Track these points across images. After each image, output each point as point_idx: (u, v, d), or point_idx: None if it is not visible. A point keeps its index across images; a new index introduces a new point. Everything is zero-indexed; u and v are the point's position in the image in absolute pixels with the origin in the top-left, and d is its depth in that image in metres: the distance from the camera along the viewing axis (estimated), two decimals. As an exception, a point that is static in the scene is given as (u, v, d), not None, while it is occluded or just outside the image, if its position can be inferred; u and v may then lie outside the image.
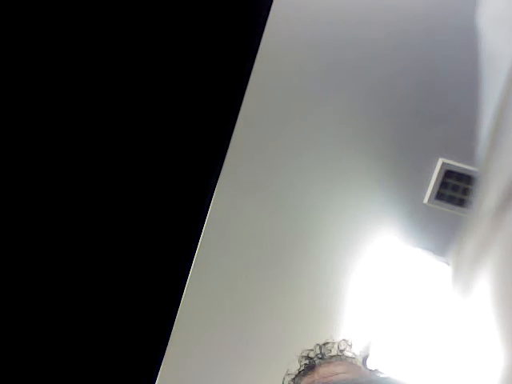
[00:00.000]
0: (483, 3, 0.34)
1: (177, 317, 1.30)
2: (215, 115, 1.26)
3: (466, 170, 1.23)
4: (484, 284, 0.32)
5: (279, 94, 1.24)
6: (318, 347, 0.83)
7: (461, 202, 1.24)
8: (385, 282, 1.24)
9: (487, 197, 0.33)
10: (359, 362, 0.81)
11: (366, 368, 0.80)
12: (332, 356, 0.82)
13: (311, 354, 0.82)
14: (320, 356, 0.81)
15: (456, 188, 1.24)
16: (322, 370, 0.78)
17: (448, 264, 1.20)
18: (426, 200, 1.25)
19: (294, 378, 0.81)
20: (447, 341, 0.36)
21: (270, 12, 1.20)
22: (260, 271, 1.29)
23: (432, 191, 1.25)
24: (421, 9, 1.21)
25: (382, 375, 0.78)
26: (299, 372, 0.81)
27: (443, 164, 1.24)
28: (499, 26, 0.33)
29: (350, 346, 0.83)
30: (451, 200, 1.25)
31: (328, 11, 1.22)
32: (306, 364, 0.81)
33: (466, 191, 1.24)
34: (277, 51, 1.23)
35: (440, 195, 1.25)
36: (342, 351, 0.83)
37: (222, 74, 1.25)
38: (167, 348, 1.31)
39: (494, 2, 0.34)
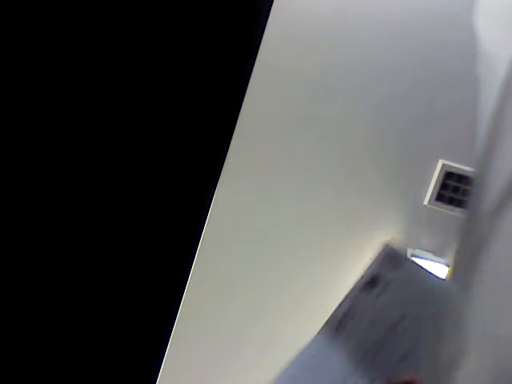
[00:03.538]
0: (481, 5, 0.34)
1: (177, 317, 1.30)
2: (216, 115, 1.27)
3: (466, 171, 1.23)
4: (481, 284, 0.33)
5: (280, 94, 1.25)
6: None
7: (461, 204, 1.24)
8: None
9: (485, 197, 0.34)
10: None
11: None
12: None
13: None
14: None
15: (456, 189, 1.25)
16: None
17: (448, 265, 1.20)
18: (426, 201, 1.26)
19: None
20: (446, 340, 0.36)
21: (270, 13, 1.20)
22: (260, 272, 1.29)
23: (432, 193, 1.25)
24: (422, 10, 1.21)
25: None
26: None
27: (443, 166, 1.24)
28: (497, 28, 0.33)
29: None
30: (451, 201, 1.25)
31: (328, 13, 1.22)
32: None
33: (466, 193, 1.24)
34: (277, 52, 1.23)
35: (440, 197, 1.25)
36: None
37: (222, 74, 1.25)
38: (167, 348, 1.31)
39: (490, 4, 0.34)
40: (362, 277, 0.78)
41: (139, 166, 1.28)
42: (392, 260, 0.79)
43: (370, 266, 0.79)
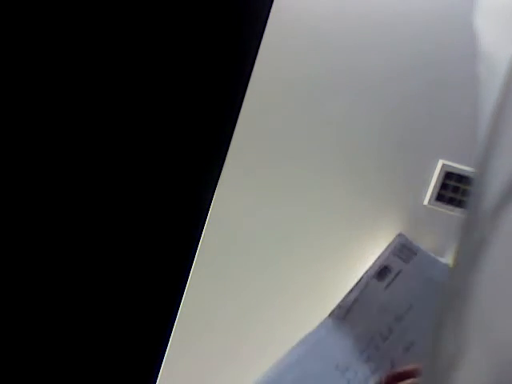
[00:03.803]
0: (481, 5, 0.34)
1: (177, 317, 1.30)
2: (216, 115, 1.27)
3: (466, 171, 1.23)
4: (481, 285, 0.33)
5: (280, 94, 1.25)
6: None
7: (461, 204, 1.24)
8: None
9: (485, 197, 0.34)
10: None
11: None
12: None
13: None
14: None
15: (456, 189, 1.25)
16: None
17: (448, 265, 1.20)
18: (426, 201, 1.26)
19: None
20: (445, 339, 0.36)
21: (270, 13, 1.20)
22: (260, 272, 1.29)
23: (432, 193, 1.25)
24: (422, 11, 1.21)
25: None
26: None
27: (443, 166, 1.24)
28: (497, 28, 0.33)
29: None
30: (451, 201, 1.25)
31: (328, 13, 1.22)
32: None
33: (466, 193, 1.24)
34: (277, 52, 1.23)
35: (440, 197, 1.25)
36: None
37: (222, 75, 1.25)
38: (167, 348, 1.31)
39: (491, 3, 0.34)
40: (372, 266, 0.79)
41: (138, 166, 1.28)
42: (404, 251, 0.79)
43: (381, 256, 0.80)
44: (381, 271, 0.79)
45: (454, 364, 0.32)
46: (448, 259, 1.21)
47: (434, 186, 1.25)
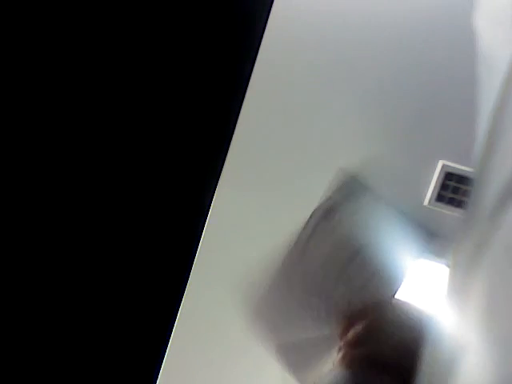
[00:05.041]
0: (481, 5, 0.35)
1: (177, 317, 1.30)
2: (216, 115, 1.27)
3: (466, 172, 1.23)
4: (481, 284, 0.33)
5: (280, 94, 1.24)
6: None
7: (461, 204, 1.24)
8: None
9: (485, 198, 0.34)
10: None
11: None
12: None
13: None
14: None
15: (456, 190, 1.25)
16: None
17: (448, 265, 1.20)
18: (426, 202, 1.25)
19: None
20: (444, 341, 0.36)
21: (270, 13, 1.20)
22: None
23: (432, 193, 1.25)
24: (421, 11, 1.21)
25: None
26: None
27: (443, 166, 1.24)
28: (496, 28, 0.33)
29: None
30: (452, 202, 1.25)
31: (329, 12, 1.22)
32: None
33: (466, 193, 1.24)
34: (277, 52, 1.23)
35: (440, 197, 1.25)
36: None
37: (222, 74, 1.25)
38: (167, 348, 1.31)
39: (491, 3, 0.34)
40: (320, 206, 0.80)
41: (139, 166, 1.28)
42: (347, 189, 0.80)
43: (327, 196, 0.81)
44: (328, 211, 0.80)
45: (454, 364, 0.32)
46: (448, 259, 1.21)
47: (434, 187, 1.25)
